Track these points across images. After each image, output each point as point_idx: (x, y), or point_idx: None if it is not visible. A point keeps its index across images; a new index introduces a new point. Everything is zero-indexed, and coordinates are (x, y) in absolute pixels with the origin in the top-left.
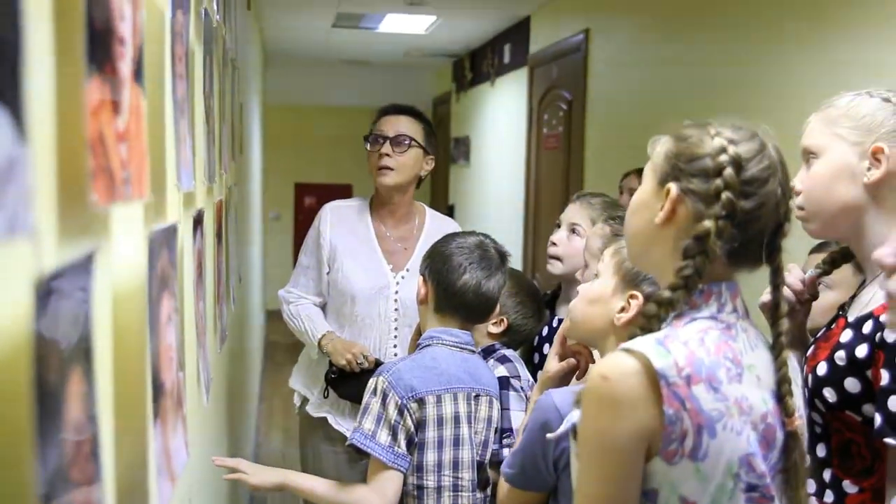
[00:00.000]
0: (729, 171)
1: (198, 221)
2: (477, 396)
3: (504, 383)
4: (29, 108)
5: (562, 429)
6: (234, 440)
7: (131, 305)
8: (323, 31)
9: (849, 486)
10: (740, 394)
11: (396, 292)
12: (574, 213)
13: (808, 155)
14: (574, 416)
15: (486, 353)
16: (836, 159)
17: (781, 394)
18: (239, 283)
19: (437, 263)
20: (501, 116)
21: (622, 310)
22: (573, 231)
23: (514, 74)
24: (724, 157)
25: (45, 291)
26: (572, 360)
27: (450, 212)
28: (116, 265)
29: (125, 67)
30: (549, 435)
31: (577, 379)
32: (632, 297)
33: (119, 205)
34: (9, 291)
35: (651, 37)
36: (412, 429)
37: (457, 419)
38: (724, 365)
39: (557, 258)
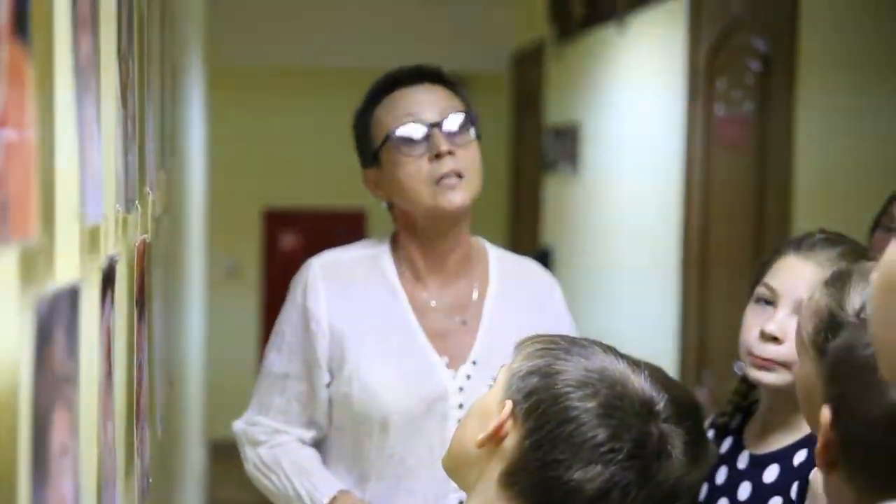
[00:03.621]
0: None
1: (108, 279)
2: None
3: None
4: None
5: None
6: None
7: (1, 431)
8: None
9: None
10: None
11: (461, 405)
12: (799, 273)
13: None
14: None
15: None
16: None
17: None
18: (170, 390)
19: (550, 417)
20: (638, 86)
21: None
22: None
23: (661, 11)
24: None
25: None
26: None
27: (543, 261)
28: None
29: None
30: None
31: None
32: None
33: None
34: None
35: None
36: None
37: None
38: None
39: (779, 363)
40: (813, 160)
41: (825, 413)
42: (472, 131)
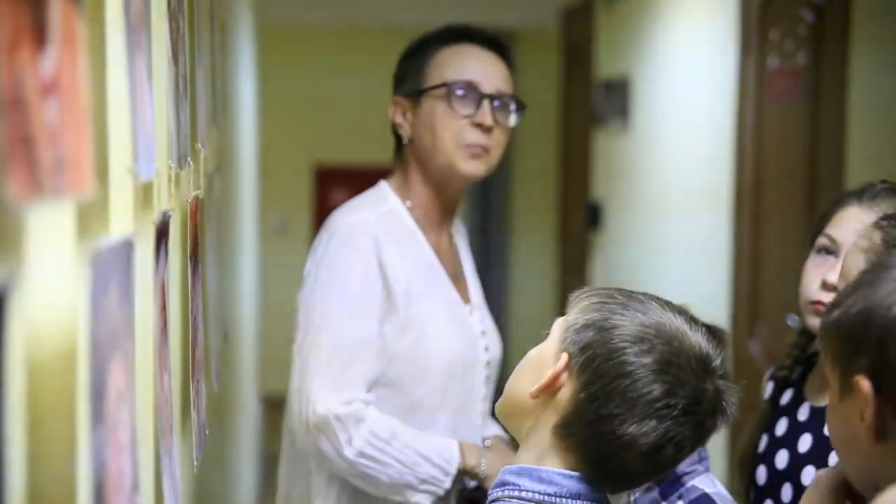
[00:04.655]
0: None
1: (161, 234)
2: None
3: None
4: None
5: None
6: None
7: (59, 378)
8: None
9: None
10: None
11: (486, 348)
12: (861, 223)
13: None
14: None
15: (666, 490)
16: None
17: None
18: (224, 342)
19: (605, 371)
20: (689, 41)
21: None
22: None
23: None
24: None
25: None
26: None
27: (593, 214)
28: (36, 309)
29: None
30: None
31: None
32: None
33: (43, 205)
34: None
35: None
36: None
37: None
38: None
39: None
40: (867, 111)
41: (864, 384)
42: (513, 119)
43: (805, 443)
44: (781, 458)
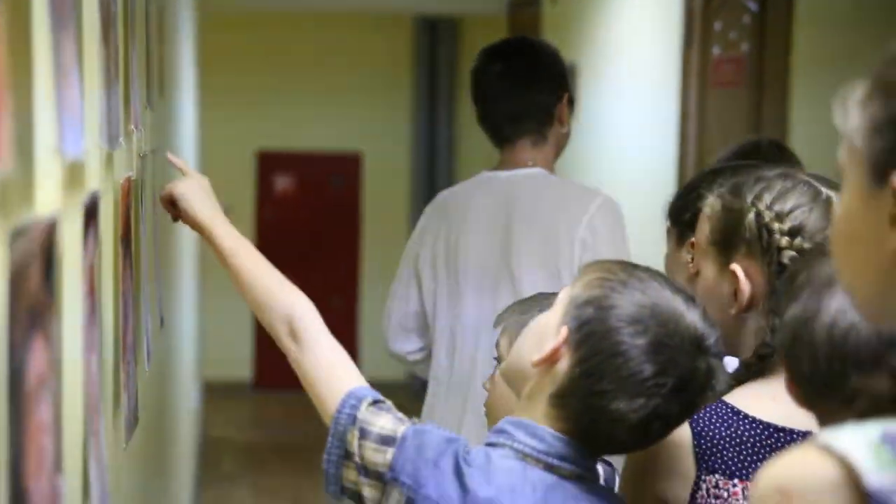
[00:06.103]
0: None
1: (90, 214)
2: None
3: None
4: None
5: None
6: None
7: None
8: None
9: None
10: None
11: None
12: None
13: None
14: None
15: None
16: None
17: None
18: (160, 327)
19: (600, 349)
20: (634, 30)
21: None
22: None
23: None
24: None
25: None
26: None
27: None
28: None
29: None
30: None
31: None
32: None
33: None
34: None
35: None
36: None
37: None
38: None
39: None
40: (809, 98)
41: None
42: None
43: None
44: None
